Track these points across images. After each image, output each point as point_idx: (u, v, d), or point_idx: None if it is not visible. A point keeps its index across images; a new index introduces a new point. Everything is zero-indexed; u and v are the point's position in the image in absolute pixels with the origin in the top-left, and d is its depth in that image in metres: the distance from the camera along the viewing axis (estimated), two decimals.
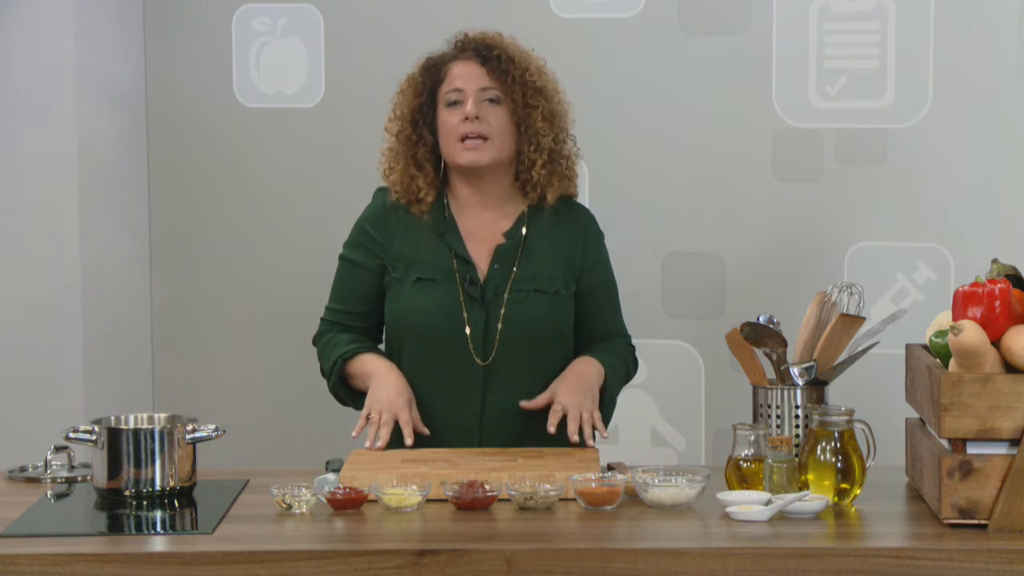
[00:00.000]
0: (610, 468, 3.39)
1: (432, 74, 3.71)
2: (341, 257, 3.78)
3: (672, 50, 4.74)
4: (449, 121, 3.66)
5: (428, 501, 3.22)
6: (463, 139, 3.64)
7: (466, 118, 3.63)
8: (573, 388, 3.60)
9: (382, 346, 3.78)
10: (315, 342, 3.79)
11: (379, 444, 3.52)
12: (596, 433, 3.59)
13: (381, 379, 3.62)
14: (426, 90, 3.70)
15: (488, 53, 3.68)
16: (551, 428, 3.55)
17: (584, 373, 3.64)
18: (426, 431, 3.59)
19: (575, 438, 3.53)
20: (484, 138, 3.64)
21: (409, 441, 3.54)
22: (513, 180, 3.74)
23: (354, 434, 3.56)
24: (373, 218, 3.75)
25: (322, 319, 3.79)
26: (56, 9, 4.65)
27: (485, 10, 4.65)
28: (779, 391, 3.44)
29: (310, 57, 4.92)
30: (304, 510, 3.19)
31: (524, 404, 3.62)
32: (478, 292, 3.66)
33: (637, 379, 3.93)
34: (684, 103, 4.75)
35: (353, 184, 4.73)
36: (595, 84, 4.70)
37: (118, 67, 4.86)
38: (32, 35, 4.65)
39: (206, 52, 4.93)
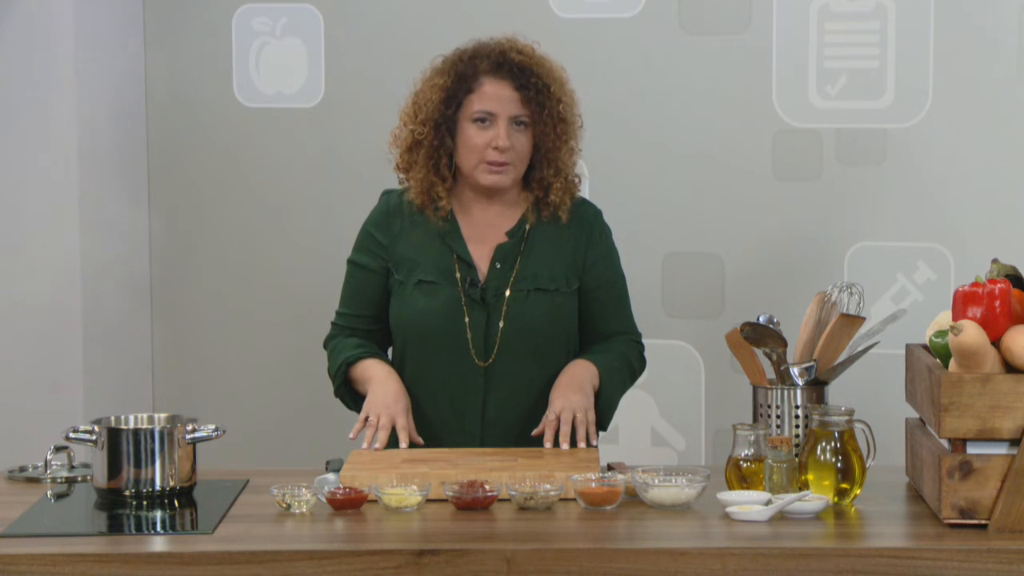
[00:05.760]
0: (610, 468, 3.39)
1: (463, 83, 3.65)
2: (348, 261, 3.78)
3: (672, 50, 4.74)
4: (475, 139, 3.63)
5: (428, 501, 3.22)
6: (487, 161, 3.63)
7: (497, 147, 3.62)
8: (565, 392, 3.59)
9: (391, 350, 3.79)
10: (325, 346, 3.80)
11: (375, 447, 3.52)
12: (588, 436, 3.55)
13: (380, 384, 3.63)
14: (455, 101, 3.66)
15: (524, 79, 3.64)
16: (546, 443, 3.53)
17: (575, 375, 3.64)
18: (420, 441, 3.59)
19: (565, 446, 3.52)
20: (508, 163, 3.64)
21: (404, 445, 3.54)
22: (521, 186, 3.73)
23: (352, 435, 3.56)
24: (377, 221, 3.75)
25: (332, 323, 3.80)
26: (56, 9, 4.65)
27: (485, 10, 4.66)
28: (779, 391, 3.43)
29: (310, 57, 4.91)
30: (304, 510, 3.19)
31: (534, 433, 3.60)
32: (478, 293, 3.66)
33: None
34: (684, 103, 4.75)
35: (353, 184, 4.74)
36: (595, 84, 4.69)
37: (118, 67, 4.85)
38: (32, 35, 4.65)
39: (206, 52, 4.93)
